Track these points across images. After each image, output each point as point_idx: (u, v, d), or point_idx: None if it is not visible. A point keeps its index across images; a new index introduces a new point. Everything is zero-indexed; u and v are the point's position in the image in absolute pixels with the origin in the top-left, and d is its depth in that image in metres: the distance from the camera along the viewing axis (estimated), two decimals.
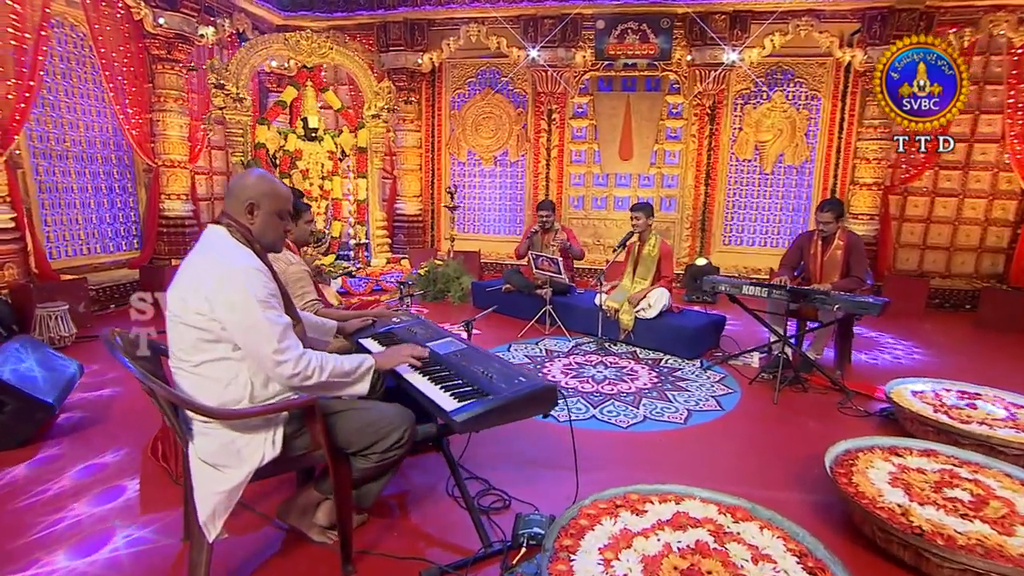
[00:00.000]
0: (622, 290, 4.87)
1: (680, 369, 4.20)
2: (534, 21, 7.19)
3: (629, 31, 6.94)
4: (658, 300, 4.60)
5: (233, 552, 2.04)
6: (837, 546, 2.12)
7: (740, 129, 7.33)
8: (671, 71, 7.34)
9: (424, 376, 2.04)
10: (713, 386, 3.87)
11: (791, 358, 4.02)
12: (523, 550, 1.98)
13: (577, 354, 4.50)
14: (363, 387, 1.93)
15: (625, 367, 4.21)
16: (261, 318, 1.67)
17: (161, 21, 5.83)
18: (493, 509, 2.35)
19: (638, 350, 4.64)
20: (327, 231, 6.99)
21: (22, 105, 4.85)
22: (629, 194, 7.79)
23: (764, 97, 7.18)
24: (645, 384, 3.86)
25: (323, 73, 8.10)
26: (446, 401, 1.84)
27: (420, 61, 7.56)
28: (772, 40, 6.60)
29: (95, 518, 2.24)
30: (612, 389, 3.75)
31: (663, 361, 4.38)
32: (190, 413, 1.73)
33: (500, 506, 2.37)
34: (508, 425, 3.18)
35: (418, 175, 8.28)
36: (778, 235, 7.38)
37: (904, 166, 6.77)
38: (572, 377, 3.96)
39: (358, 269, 6.87)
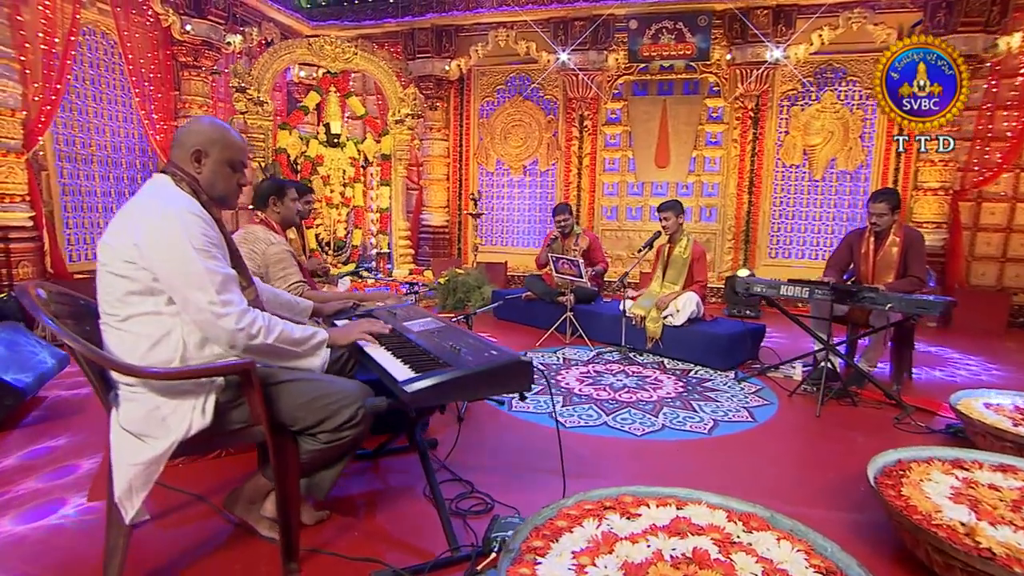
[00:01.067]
0: (649, 296, 4.59)
1: (711, 380, 3.87)
2: (564, 23, 7.14)
3: (664, 31, 6.77)
4: (686, 305, 4.30)
5: (170, 544, 1.88)
6: (884, 574, 1.79)
7: (787, 132, 6.99)
8: (710, 72, 7.12)
9: (387, 350, 1.86)
10: (747, 398, 3.52)
11: (838, 369, 3.65)
12: (493, 555, 1.74)
13: (598, 363, 4.22)
14: (314, 362, 1.77)
15: (649, 376, 3.91)
16: (199, 266, 1.54)
17: (188, 28, 6.06)
18: (472, 512, 2.11)
19: (666, 361, 4.32)
20: (348, 239, 7.00)
21: (48, 107, 5.07)
22: None
23: (813, 98, 6.84)
24: (669, 393, 3.56)
25: (351, 84, 8.28)
26: (400, 371, 1.65)
27: (447, 68, 7.60)
28: (821, 35, 6.31)
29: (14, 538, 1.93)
30: (631, 397, 3.46)
31: (693, 372, 4.05)
32: (115, 375, 1.60)
33: (481, 509, 2.13)
34: (503, 428, 2.99)
35: (444, 185, 8.26)
36: (830, 246, 6.91)
37: (977, 168, 6.26)
38: (588, 385, 3.69)
39: (378, 279, 6.82)
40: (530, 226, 8.17)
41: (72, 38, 5.25)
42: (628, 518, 1.69)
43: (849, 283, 3.87)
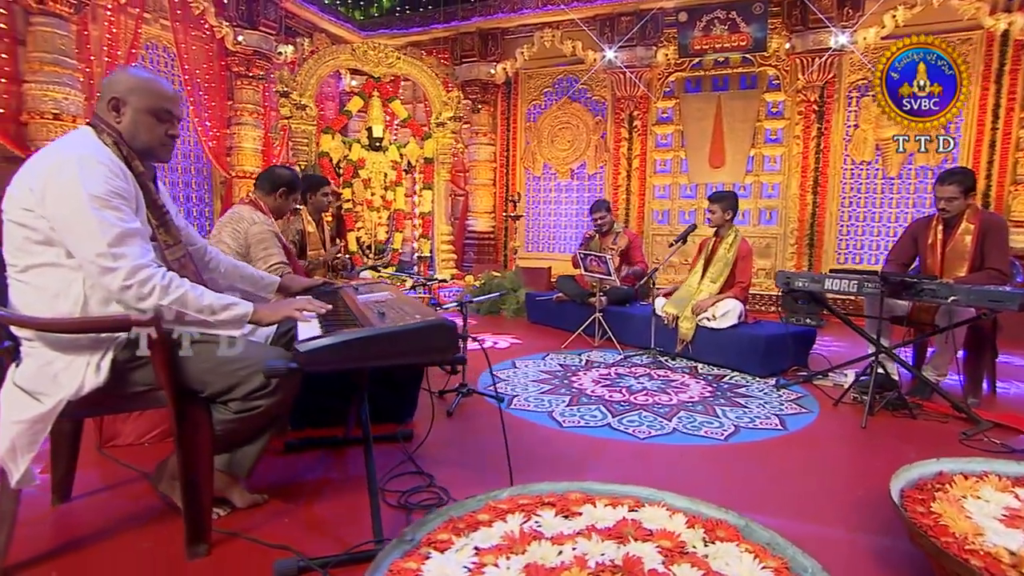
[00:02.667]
0: (685, 293, 4.21)
1: (746, 386, 3.45)
2: (610, 20, 6.90)
3: (716, 21, 6.39)
4: (727, 315, 3.87)
5: (92, 519, 1.79)
6: None
7: (856, 126, 6.35)
8: (769, 65, 6.62)
9: (318, 321, 1.69)
10: (782, 405, 3.09)
11: (897, 376, 3.14)
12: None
13: (623, 366, 3.89)
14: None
15: (675, 380, 3.54)
16: (91, 215, 1.44)
17: (240, 39, 6.34)
18: (421, 507, 1.89)
19: (699, 365, 3.93)
20: (389, 243, 7.01)
21: None
22: None
23: None
24: (692, 398, 3.18)
25: (402, 92, 8.39)
26: (307, 332, 1.47)
27: (493, 71, 7.55)
28: (894, 16, 5.71)
29: None
30: (647, 400, 3.12)
31: (727, 377, 3.64)
32: (14, 329, 1.52)
33: (433, 504, 1.91)
34: (495, 426, 2.71)
35: (491, 190, 8.16)
36: None
37: None
38: (603, 386, 3.38)
39: (418, 283, 6.75)
40: (577, 231, 7.88)
41: (134, 51, 5.60)
42: (566, 516, 1.42)
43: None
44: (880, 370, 3.25)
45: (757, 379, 3.60)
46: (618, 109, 7.36)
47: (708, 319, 3.92)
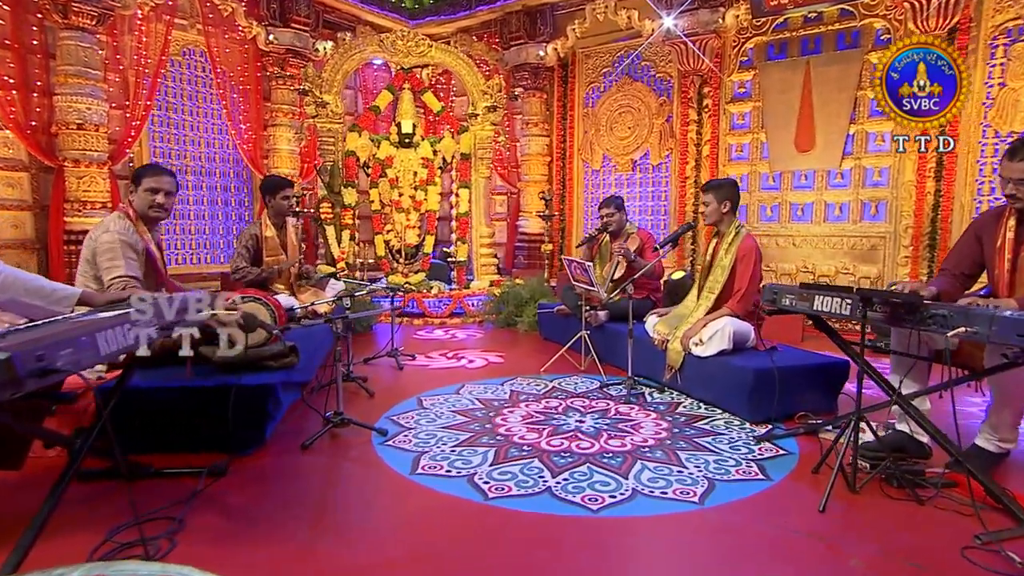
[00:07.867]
0: (683, 309, 3.60)
1: (719, 433, 2.80)
2: None
3: None
4: (716, 337, 3.19)
5: None
6: None
7: (1002, 85, 5.08)
8: (875, 16, 5.55)
9: None
10: (737, 465, 2.44)
11: (919, 436, 2.35)
12: None
13: (590, 398, 3.39)
14: None
15: (631, 421, 2.99)
16: None
17: (272, 38, 6.67)
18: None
19: (685, 401, 3.31)
20: (420, 246, 6.96)
21: (136, 123, 5.95)
22: (812, 199, 6.04)
23: None
24: (623, 446, 2.64)
25: (454, 85, 8.35)
26: None
27: (543, 53, 7.21)
28: None
29: None
30: (560, 445, 2.64)
31: (705, 420, 3.00)
32: None
33: (140, 557, 1.71)
34: (345, 466, 2.45)
35: (544, 187, 7.79)
36: None
37: None
38: (528, 423, 2.94)
39: (453, 290, 6.62)
40: None
41: (164, 57, 6.11)
42: None
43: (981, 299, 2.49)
44: (901, 427, 2.49)
45: (747, 424, 2.92)
46: (685, 87, 6.65)
47: (695, 343, 3.28)
